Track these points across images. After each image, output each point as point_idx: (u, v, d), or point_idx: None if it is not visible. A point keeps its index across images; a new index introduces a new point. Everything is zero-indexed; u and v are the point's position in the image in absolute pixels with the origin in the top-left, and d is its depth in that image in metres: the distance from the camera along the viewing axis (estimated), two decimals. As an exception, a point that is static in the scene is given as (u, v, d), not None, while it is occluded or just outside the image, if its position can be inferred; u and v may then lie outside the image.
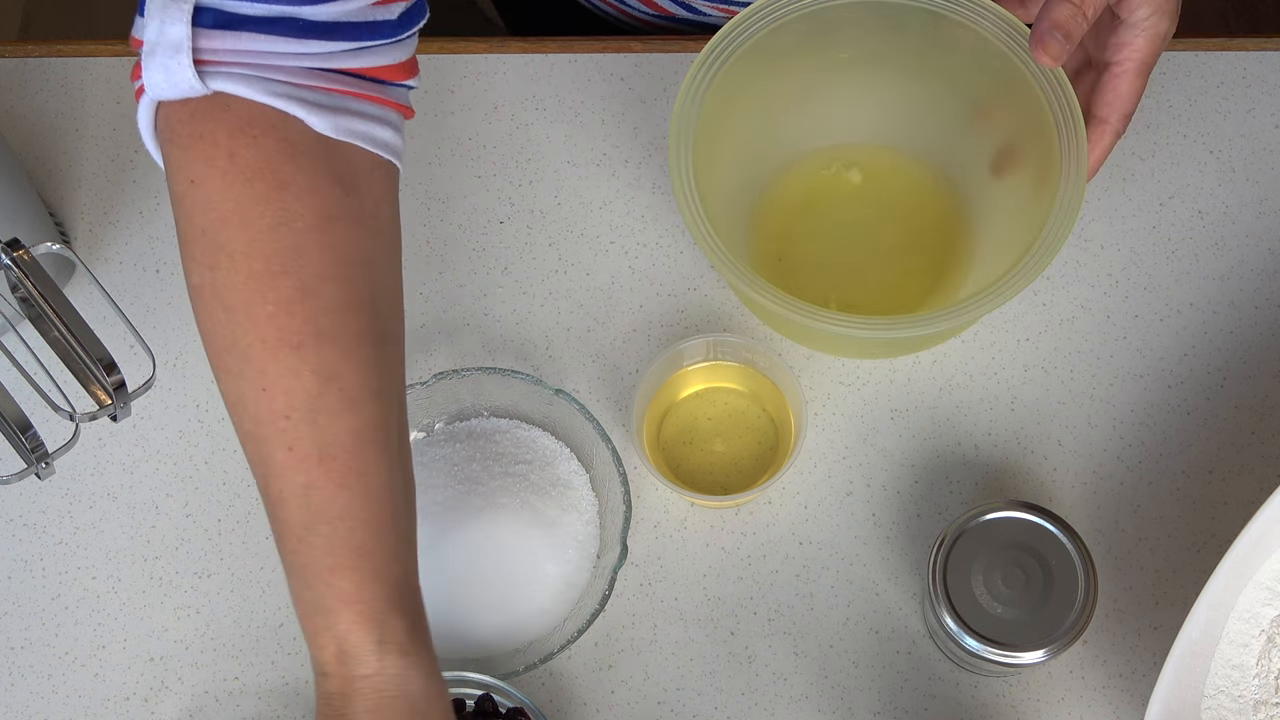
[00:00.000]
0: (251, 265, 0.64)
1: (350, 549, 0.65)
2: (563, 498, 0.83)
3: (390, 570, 0.66)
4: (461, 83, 0.95)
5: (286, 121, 0.66)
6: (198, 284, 0.66)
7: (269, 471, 0.65)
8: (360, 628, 0.64)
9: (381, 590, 0.65)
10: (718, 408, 0.86)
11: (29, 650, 0.84)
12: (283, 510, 0.65)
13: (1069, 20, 0.75)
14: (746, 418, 0.86)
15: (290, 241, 0.65)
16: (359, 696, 0.65)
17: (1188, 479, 0.85)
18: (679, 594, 0.84)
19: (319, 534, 0.65)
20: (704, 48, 0.81)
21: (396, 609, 0.65)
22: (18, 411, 0.69)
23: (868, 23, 0.83)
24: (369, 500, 0.65)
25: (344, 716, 0.65)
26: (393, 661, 0.65)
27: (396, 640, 0.65)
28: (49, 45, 0.97)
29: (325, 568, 0.65)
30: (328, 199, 0.66)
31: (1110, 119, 0.78)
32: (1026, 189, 0.82)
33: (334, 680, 0.65)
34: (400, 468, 0.67)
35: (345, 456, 0.65)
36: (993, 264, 0.82)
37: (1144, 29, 0.77)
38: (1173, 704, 0.73)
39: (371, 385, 0.66)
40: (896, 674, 0.82)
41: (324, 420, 0.64)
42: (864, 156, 0.90)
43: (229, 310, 0.65)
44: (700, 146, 0.80)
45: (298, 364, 0.64)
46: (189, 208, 0.66)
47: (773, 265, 0.88)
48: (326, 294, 0.65)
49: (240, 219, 0.65)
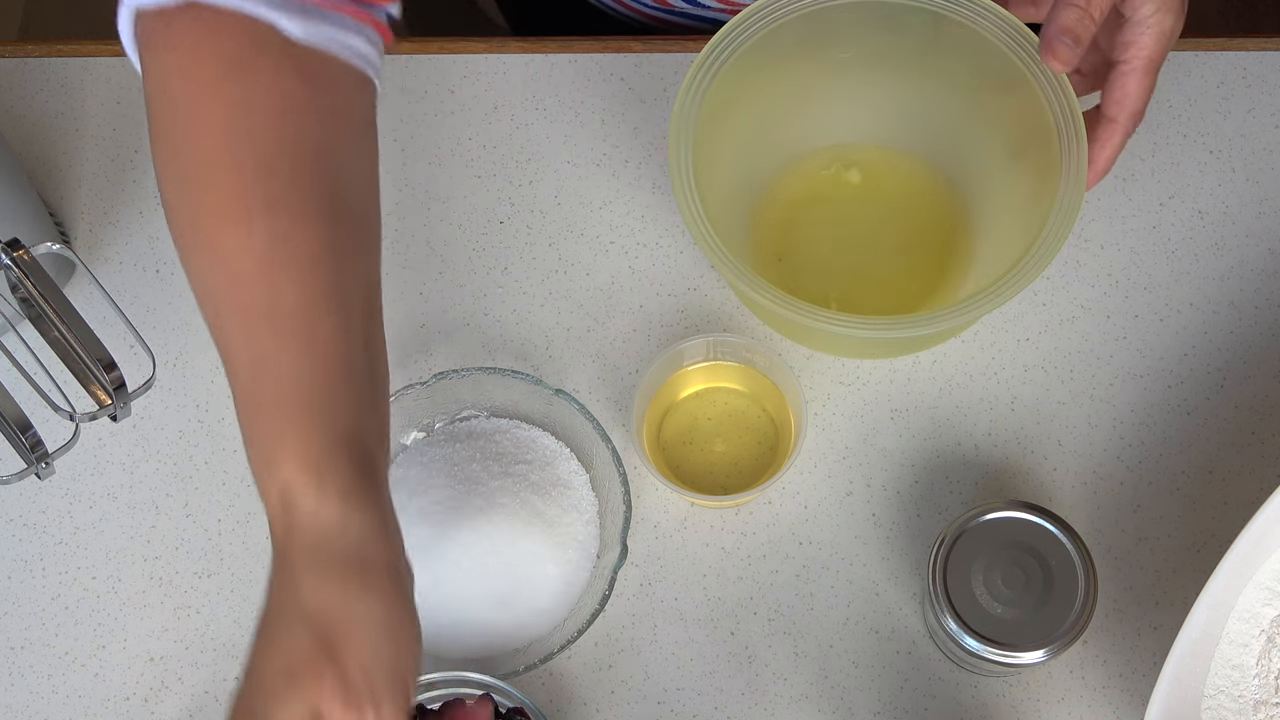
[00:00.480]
0: (210, 145, 0.66)
1: (297, 404, 0.64)
2: (563, 498, 0.83)
3: (339, 424, 0.65)
4: (461, 83, 0.95)
5: (257, 26, 0.66)
6: (160, 170, 0.67)
7: (228, 343, 0.66)
8: (301, 472, 0.64)
9: (326, 440, 0.64)
10: (718, 408, 0.86)
11: (29, 650, 0.84)
12: (236, 377, 0.66)
13: (1076, 24, 0.75)
14: (746, 418, 0.86)
15: (248, 124, 0.66)
16: (297, 536, 0.64)
17: (1188, 479, 0.85)
18: (679, 594, 0.84)
19: (267, 393, 0.64)
20: (704, 48, 0.81)
21: (341, 456, 0.64)
22: (18, 411, 0.69)
23: (868, 23, 0.83)
24: (316, 360, 0.65)
25: (285, 558, 0.64)
26: (332, 503, 0.64)
27: (337, 484, 0.64)
28: (49, 45, 0.97)
29: (271, 425, 0.64)
30: (291, 90, 0.67)
31: (1119, 118, 0.78)
32: (1026, 189, 0.81)
33: (278, 526, 0.64)
34: (362, 343, 0.67)
35: (292, 316, 0.65)
36: (993, 264, 0.82)
37: (1149, 26, 0.77)
38: (1173, 704, 0.73)
39: (326, 255, 0.66)
40: (896, 674, 0.82)
41: (274, 280, 0.65)
42: (864, 156, 0.90)
43: (188, 189, 0.66)
44: (700, 146, 0.80)
45: (248, 230, 0.65)
46: (157, 107, 0.67)
47: (773, 265, 0.88)
48: (282, 170, 0.66)
49: (204, 108, 0.66)
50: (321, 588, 0.63)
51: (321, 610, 0.62)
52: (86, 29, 1.77)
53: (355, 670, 0.62)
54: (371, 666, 0.62)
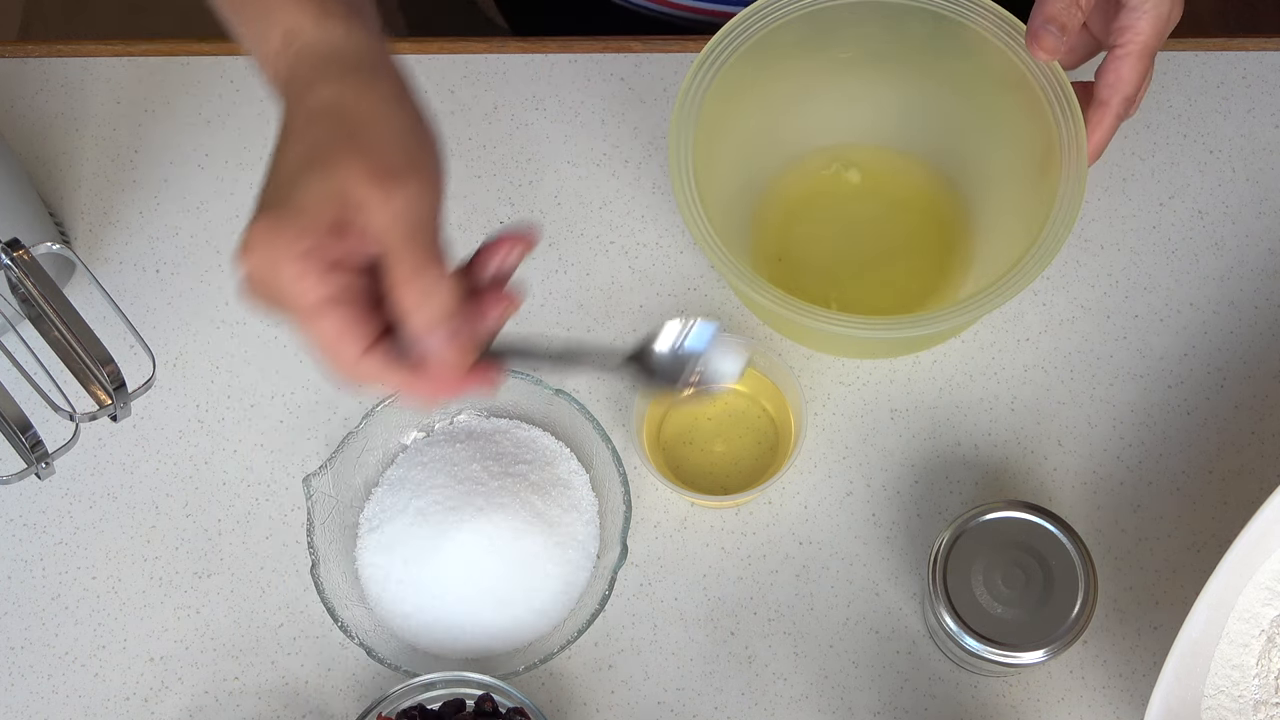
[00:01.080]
0: None
1: None
2: (563, 498, 0.83)
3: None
4: (461, 83, 0.95)
5: None
6: None
7: None
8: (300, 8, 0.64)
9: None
10: (718, 407, 0.86)
11: (29, 650, 0.84)
12: None
13: (1062, 13, 0.76)
14: (747, 418, 0.86)
15: None
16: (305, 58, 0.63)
17: (1188, 479, 0.85)
18: (679, 594, 0.84)
19: None
20: (704, 47, 0.81)
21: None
22: (18, 411, 0.69)
23: (869, 22, 0.83)
24: None
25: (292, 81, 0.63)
26: (336, 25, 0.64)
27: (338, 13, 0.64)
28: (49, 45, 0.97)
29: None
30: None
31: (1110, 101, 0.78)
32: (1026, 189, 0.81)
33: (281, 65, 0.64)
34: None
35: None
36: (993, 264, 0.82)
37: (1145, 11, 0.77)
38: (1173, 704, 0.73)
39: None
40: (896, 674, 0.82)
41: None
42: (863, 156, 0.90)
43: None
44: (700, 146, 0.80)
45: None
46: None
47: (773, 265, 0.88)
48: None
49: None
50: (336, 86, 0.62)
51: (339, 103, 0.62)
52: (86, 29, 1.77)
53: (379, 150, 0.61)
54: (393, 149, 0.61)
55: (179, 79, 0.96)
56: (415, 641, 0.82)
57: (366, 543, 0.83)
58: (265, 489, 0.87)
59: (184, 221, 0.92)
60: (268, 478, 0.87)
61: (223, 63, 0.95)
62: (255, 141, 0.94)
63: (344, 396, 0.88)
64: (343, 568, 0.83)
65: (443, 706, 0.79)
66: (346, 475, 0.83)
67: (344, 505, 0.83)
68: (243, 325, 0.90)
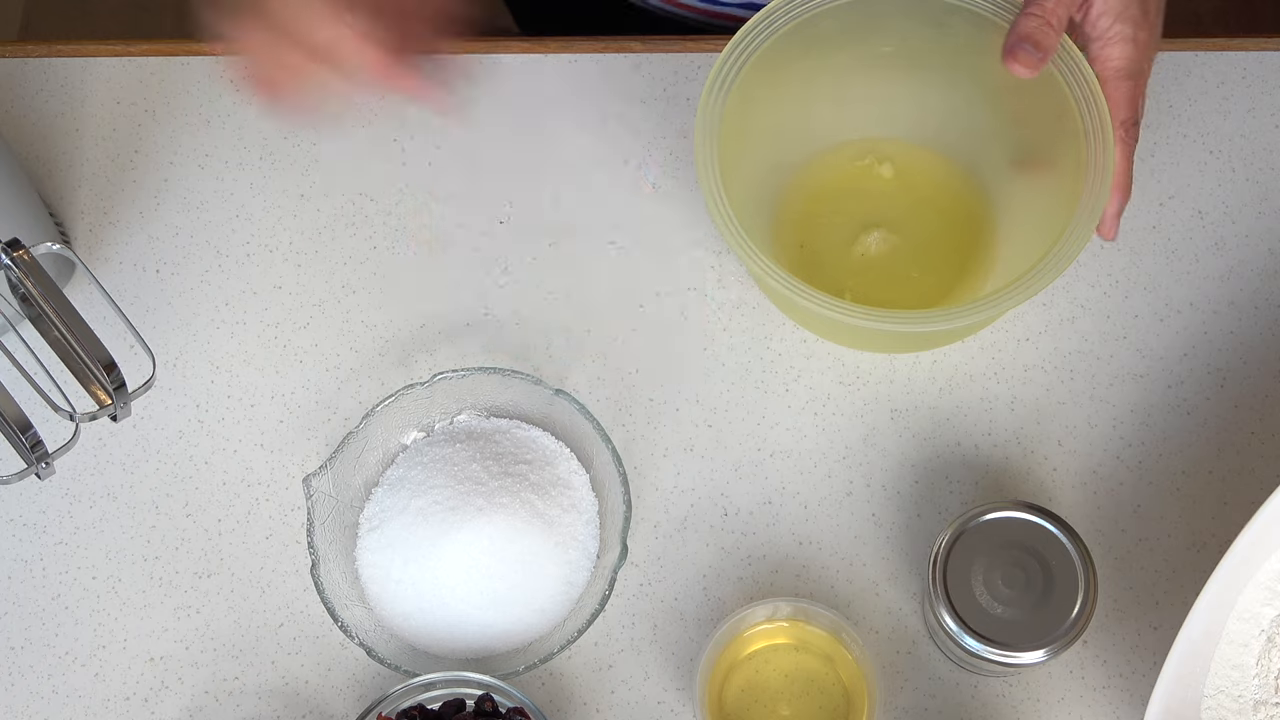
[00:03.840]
0: None
1: None
2: (563, 498, 0.83)
3: None
4: (461, 82, 0.95)
5: None
6: None
7: None
8: None
9: None
10: (790, 664, 0.81)
11: (29, 650, 0.84)
12: None
13: (1035, 30, 0.77)
14: (819, 681, 0.80)
15: None
16: None
17: (1188, 479, 0.85)
18: (679, 594, 0.84)
19: None
20: (742, 27, 0.81)
21: None
22: (18, 411, 0.69)
23: (914, 16, 0.83)
24: None
25: None
26: None
27: None
28: (49, 45, 0.97)
29: None
30: None
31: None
32: (1053, 195, 0.81)
33: None
34: None
35: None
36: (1009, 275, 0.82)
37: (1110, 39, 0.79)
38: (1173, 704, 0.73)
39: None
40: (896, 674, 0.82)
41: None
42: (897, 152, 0.90)
43: None
44: (729, 123, 0.79)
45: None
46: None
47: (793, 251, 0.88)
48: None
49: None
50: None
51: None
52: (86, 29, 1.77)
53: None
54: None
55: (179, 79, 0.96)
56: (415, 641, 0.82)
57: (366, 543, 0.83)
58: (265, 489, 0.87)
59: (184, 221, 0.92)
60: (268, 478, 0.87)
61: (223, 63, 0.95)
62: (255, 141, 0.94)
63: (344, 396, 0.88)
64: (343, 568, 0.83)
65: (443, 706, 0.79)
66: (346, 475, 0.83)
67: (344, 505, 0.83)
68: (243, 325, 0.90)
